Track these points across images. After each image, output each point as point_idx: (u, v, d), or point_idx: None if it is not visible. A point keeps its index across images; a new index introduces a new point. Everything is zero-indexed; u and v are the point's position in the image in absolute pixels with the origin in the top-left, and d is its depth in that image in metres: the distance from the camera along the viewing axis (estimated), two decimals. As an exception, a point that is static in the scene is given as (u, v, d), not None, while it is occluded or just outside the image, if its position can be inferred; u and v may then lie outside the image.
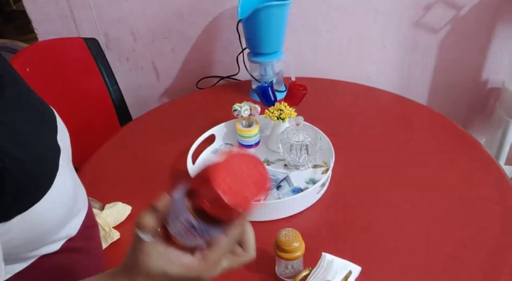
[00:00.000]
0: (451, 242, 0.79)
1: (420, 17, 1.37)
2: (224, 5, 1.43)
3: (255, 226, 0.86)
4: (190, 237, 0.43)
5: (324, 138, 1.02)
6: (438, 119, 1.16)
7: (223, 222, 0.42)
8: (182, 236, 0.43)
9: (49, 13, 1.50)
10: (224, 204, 0.39)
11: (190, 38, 1.52)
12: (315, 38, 1.46)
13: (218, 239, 0.43)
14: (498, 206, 0.86)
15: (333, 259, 0.73)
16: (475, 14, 1.34)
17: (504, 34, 1.37)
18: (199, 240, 0.43)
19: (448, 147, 1.05)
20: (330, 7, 1.39)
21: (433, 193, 0.91)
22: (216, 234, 0.43)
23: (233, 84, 1.49)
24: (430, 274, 0.74)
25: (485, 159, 0.99)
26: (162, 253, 0.43)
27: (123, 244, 0.85)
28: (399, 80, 1.52)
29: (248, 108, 1.04)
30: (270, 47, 1.28)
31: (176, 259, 0.43)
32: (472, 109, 1.56)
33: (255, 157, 0.44)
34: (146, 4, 1.45)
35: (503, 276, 0.72)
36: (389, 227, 0.84)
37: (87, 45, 1.39)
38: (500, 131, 1.39)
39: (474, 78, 1.48)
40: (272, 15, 1.19)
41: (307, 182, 0.95)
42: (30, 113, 0.56)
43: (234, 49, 1.43)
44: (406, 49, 1.44)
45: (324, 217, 0.88)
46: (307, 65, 1.52)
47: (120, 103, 1.47)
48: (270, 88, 1.06)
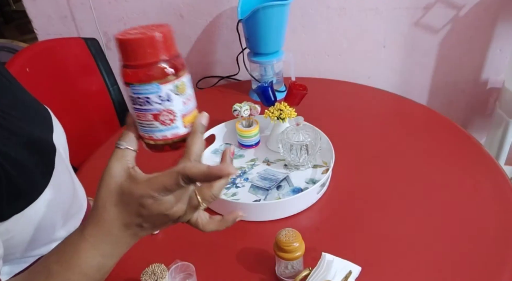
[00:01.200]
0: (451, 242, 0.79)
1: (420, 17, 1.37)
2: (224, 5, 1.43)
3: (255, 226, 0.86)
4: (142, 117, 0.44)
5: (324, 138, 1.02)
6: (438, 119, 1.16)
7: (150, 76, 0.42)
8: (139, 122, 0.45)
9: (49, 13, 1.50)
10: (128, 45, 0.40)
11: (190, 38, 1.52)
12: (315, 38, 1.46)
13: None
14: (498, 206, 0.86)
15: (333, 259, 0.73)
16: (475, 14, 1.34)
17: (504, 34, 1.37)
18: (149, 113, 0.43)
19: (448, 147, 1.05)
20: (330, 7, 1.39)
21: (433, 193, 0.91)
22: (153, 93, 0.42)
23: (233, 84, 1.49)
24: (430, 274, 0.74)
25: (485, 159, 0.99)
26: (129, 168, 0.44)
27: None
28: (399, 80, 1.52)
29: (248, 108, 1.04)
30: (270, 47, 1.28)
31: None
32: (472, 109, 1.56)
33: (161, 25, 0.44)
34: (146, 4, 1.46)
35: (503, 276, 0.72)
36: (389, 227, 0.84)
37: (87, 45, 1.39)
38: (500, 131, 1.39)
39: (474, 78, 1.48)
40: (272, 15, 1.19)
41: (307, 182, 0.95)
42: (25, 113, 0.56)
43: (234, 49, 1.43)
44: (406, 49, 1.44)
45: (324, 217, 0.88)
46: (307, 65, 1.52)
47: (120, 103, 1.47)
48: (270, 88, 1.06)
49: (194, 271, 0.72)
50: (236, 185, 0.96)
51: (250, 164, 1.02)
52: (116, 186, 0.43)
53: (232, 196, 0.92)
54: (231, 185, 0.96)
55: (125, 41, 0.41)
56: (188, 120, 0.45)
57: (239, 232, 0.86)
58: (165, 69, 0.42)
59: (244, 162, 1.03)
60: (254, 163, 1.03)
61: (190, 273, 0.73)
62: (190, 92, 0.46)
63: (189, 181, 0.41)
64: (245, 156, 1.05)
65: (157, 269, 0.70)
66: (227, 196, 0.92)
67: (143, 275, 0.70)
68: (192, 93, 0.46)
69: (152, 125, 0.44)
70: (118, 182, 0.43)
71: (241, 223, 0.87)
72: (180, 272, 0.73)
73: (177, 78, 0.43)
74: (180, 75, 0.44)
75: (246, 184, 0.96)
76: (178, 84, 0.43)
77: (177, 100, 0.44)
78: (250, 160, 1.04)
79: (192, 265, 0.72)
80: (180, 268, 0.73)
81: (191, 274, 0.72)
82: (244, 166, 1.02)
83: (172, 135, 0.45)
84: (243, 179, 0.97)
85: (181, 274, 0.73)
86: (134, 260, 0.80)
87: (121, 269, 0.78)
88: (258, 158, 1.04)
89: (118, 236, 0.44)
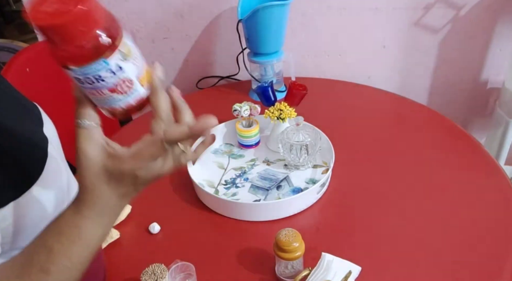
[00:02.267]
0: (451, 242, 0.79)
1: (420, 17, 1.37)
2: (224, 5, 1.43)
3: (256, 226, 0.86)
4: (97, 94, 0.41)
5: (324, 138, 1.02)
6: (438, 119, 1.16)
7: (92, 54, 0.38)
8: (94, 98, 0.42)
9: (49, 13, 1.50)
10: (56, 28, 0.35)
11: (190, 38, 1.52)
12: (315, 38, 1.46)
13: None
14: (498, 206, 0.86)
15: (333, 259, 0.73)
16: (475, 14, 1.34)
17: (504, 34, 1.37)
18: (105, 88, 0.40)
19: (448, 147, 1.05)
20: (330, 7, 1.39)
21: (433, 193, 0.91)
22: (102, 69, 0.39)
23: (233, 84, 1.49)
24: (430, 274, 0.74)
25: (485, 159, 0.99)
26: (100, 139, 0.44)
27: (123, 243, 0.85)
28: (399, 80, 1.52)
29: (248, 108, 1.04)
30: (270, 47, 1.28)
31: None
32: (472, 109, 1.56)
33: None
34: (146, 4, 1.45)
35: (503, 276, 0.72)
36: (389, 227, 0.84)
37: (87, 45, 1.39)
38: (500, 131, 1.39)
39: (474, 78, 1.48)
40: (272, 15, 1.19)
41: (307, 182, 0.95)
42: (14, 107, 0.57)
43: (234, 49, 1.43)
44: (406, 49, 1.44)
45: (324, 217, 0.88)
46: (307, 65, 1.52)
47: (120, 103, 1.47)
48: (270, 88, 1.06)
49: (194, 271, 0.72)
50: (236, 185, 0.96)
51: (250, 164, 1.02)
52: (100, 167, 0.43)
53: (232, 196, 0.92)
54: (231, 185, 0.96)
55: (50, 26, 0.35)
56: (144, 79, 0.44)
57: (239, 232, 0.86)
58: (106, 41, 0.38)
59: (244, 162, 1.03)
60: (254, 163, 1.03)
61: (190, 273, 0.73)
62: (135, 50, 0.42)
63: (173, 144, 0.43)
64: (245, 156, 1.05)
65: (157, 269, 0.70)
66: (227, 196, 0.92)
67: (143, 275, 0.70)
68: (137, 50, 0.43)
69: (111, 97, 0.42)
70: (99, 163, 0.43)
71: (241, 223, 0.87)
72: (180, 272, 0.73)
73: (120, 43, 0.40)
74: (121, 38, 0.40)
75: (246, 184, 0.96)
76: (123, 50, 0.40)
77: (127, 65, 0.41)
78: (250, 160, 1.04)
79: (192, 265, 0.72)
80: (180, 268, 0.73)
81: (191, 274, 0.72)
82: (244, 166, 1.02)
83: (136, 101, 0.44)
84: (243, 179, 0.97)
85: (181, 274, 0.73)
86: (134, 260, 0.81)
87: (121, 269, 0.79)
88: (258, 158, 1.04)
89: (116, 205, 0.46)
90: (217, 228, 0.88)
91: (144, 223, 0.88)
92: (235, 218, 0.88)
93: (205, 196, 0.92)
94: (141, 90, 0.43)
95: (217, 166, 1.03)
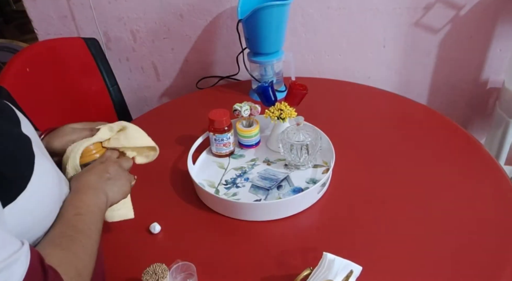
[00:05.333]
0: (451, 241, 0.79)
1: (420, 17, 1.37)
2: (224, 5, 1.43)
3: (256, 226, 0.86)
4: (217, 144, 0.79)
5: (325, 138, 1.02)
6: (438, 119, 1.16)
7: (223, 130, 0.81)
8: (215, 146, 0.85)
9: (49, 13, 1.50)
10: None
11: (190, 38, 1.52)
12: (315, 38, 1.46)
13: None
14: (498, 206, 0.86)
15: (334, 259, 0.73)
16: (475, 14, 1.34)
17: (504, 34, 1.37)
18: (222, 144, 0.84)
19: (448, 147, 1.05)
20: (330, 7, 1.39)
21: (433, 193, 0.91)
22: (225, 136, 0.96)
23: (233, 84, 1.49)
24: (431, 274, 0.74)
25: (485, 159, 0.99)
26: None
27: (124, 243, 0.85)
28: (399, 80, 1.52)
29: (248, 108, 1.04)
30: (270, 47, 1.28)
31: None
32: (472, 109, 1.57)
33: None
34: (146, 4, 1.46)
35: (504, 276, 0.72)
36: (390, 226, 0.84)
37: (87, 45, 1.39)
38: (500, 131, 1.39)
39: (474, 78, 1.48)
40: (272, 15, 1.19)
41: (307, 182, 0.95)
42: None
43: (234, 49, 1.43)
44: (406, 49, 1.44)
45: (325, 217, 0.88)
46: (307, 65, 1.53)
47: (120, 103, 1.47)
48: (270, 88, 1.06)
49: (195, 271, 0.72)
50: (237, 185, 0.96)
51: (251, 164, 1.02)
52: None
53: (232, 196, 0.92)
54: (231, 185, 0.96)
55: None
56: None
57: (240, 232, 0.86)
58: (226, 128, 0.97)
59: (245, 162, 1.03)
60: (255, 163, 1.03)
61: (191, 273, 0.73)
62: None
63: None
64: (245, 156, 1.05)
65: (158, 269, 0.70)
66: (227, 196, 0.92)
67: (144, 275, 0.70)
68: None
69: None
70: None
71: (241, 223, 0.87)
72: (181, 272, 0.73)
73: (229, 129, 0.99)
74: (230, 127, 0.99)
75: (246, 184, 0.96)
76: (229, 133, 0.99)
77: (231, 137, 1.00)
78: (251, 160, 1.04)
79: (193, 265, 0.72)
80: (181, 268, 0.73)
81: (192, 274, 0.72)
82: (245, 166, 1.02)
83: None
84: (243, 179, 0.97)
85: (182, 274, 0.73)
86: (135, 260, 0.81)
87: (122, 269, 0.79)
88: (258, 158, 1.04)
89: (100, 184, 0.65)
90: (218, 228, 0.88)
91: (145, 223, 0.88)
92: (235, 218, 0.88)
93: (205, 196, 0.92)
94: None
95: (218, 166, 1.03)
